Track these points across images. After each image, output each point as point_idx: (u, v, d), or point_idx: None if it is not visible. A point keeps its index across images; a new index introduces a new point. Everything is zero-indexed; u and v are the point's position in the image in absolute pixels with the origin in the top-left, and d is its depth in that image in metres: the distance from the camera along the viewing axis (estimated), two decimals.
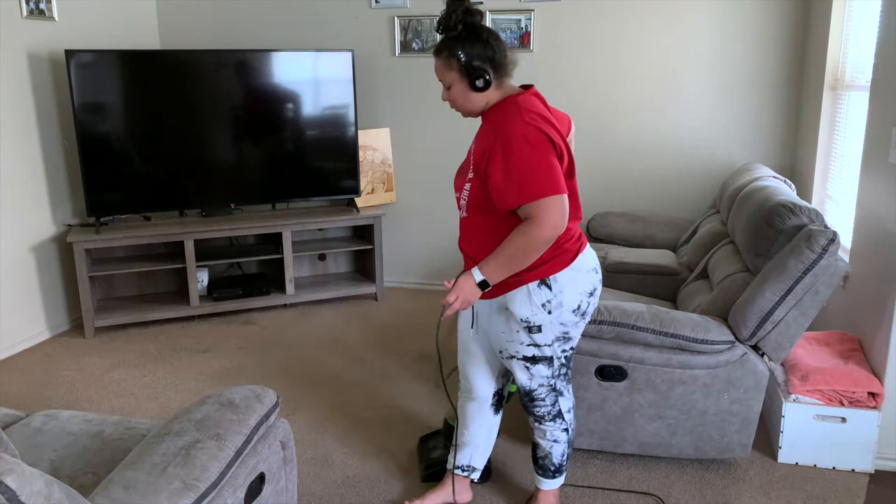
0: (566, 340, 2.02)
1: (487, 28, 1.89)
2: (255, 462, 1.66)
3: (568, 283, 1.92)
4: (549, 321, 1.94)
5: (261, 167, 4.21)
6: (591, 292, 1.98)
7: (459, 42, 1.85)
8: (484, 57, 1.85)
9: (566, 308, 1.93)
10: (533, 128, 1.79)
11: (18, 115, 3.69)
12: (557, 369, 2.06)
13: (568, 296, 1.93)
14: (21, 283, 3.73)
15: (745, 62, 4.00)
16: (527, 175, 1.77)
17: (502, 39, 1.91)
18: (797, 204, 2.48)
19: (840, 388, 2.48)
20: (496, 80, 1.89)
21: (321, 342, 3.80)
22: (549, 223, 1.77)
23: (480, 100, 1.91)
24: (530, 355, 2.01)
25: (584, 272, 1.96)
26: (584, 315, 2.00)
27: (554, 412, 2.12)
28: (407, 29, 4.34)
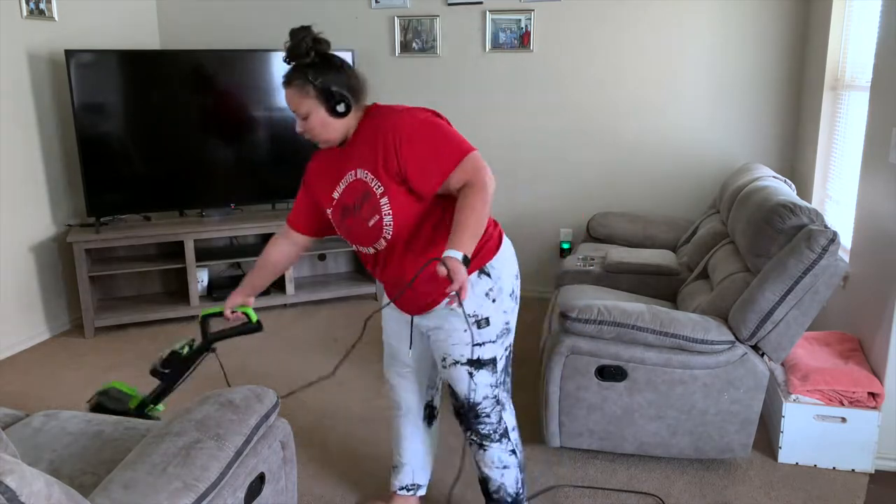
0: (507, 334, 1.94)
1: (338, 56, 1.84)
2: (255, 462, 1.66)
3: (502, 267, 1.89)
4: (495, 311, 1.88)
5: (261, 167, 4.21)
6: (516, 275, 1.96)
7: (313, 69, 1.78)
8: (341, 83, 1.80)
9: (505, 293, 1.90)
10: (417, 109, 1.82)
11: (18, 115, 3.68)
12: (500, 375, 1.96)
13: (505, 280, 1.90)
14: (21, 283, 3.73)
15: (745, 62, 4.00)
16: (439, 146, 1.76)
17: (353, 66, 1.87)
18: (797, 204, 2.48)
19: (840, 388, 2.48)
20: (355, 106, 1.84)
21: (321, 342, 3.80)
22: (484, 177, 1.73)
23: (341, 126, 1.84)
24: (475, 358, 1.90)
25: (509, 255, 1.94)
26: (517, 299, 1.96)
27: (500, 430, 2.00)
28: (407, 29, 4.34)
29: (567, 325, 2.46)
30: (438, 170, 1.75)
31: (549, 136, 4.32)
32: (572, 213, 4.40)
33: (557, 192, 4.38)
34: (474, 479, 2.49)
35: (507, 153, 4.39)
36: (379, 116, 1.84)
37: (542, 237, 4.47)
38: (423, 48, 4.35)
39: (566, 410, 2.51)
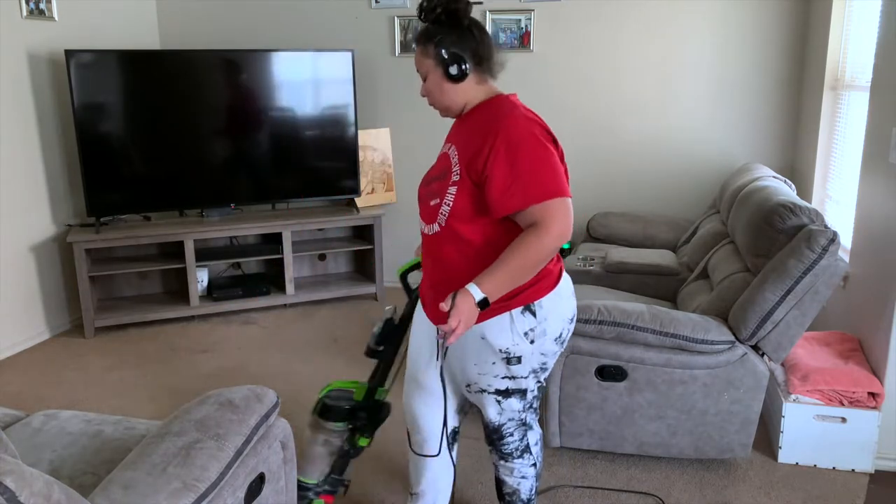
0: (543, 371, 1.84)
1: (473, 18, 1.73)
2: (255, 462, 1.66)
3: (553, 309, 1.74)
4: (531, 351, 1.75)
5: (261, 167, 4.21)
6: (571, 318, 1.83)
7: (438, 27, 1.70)
8: (462, 45, 1.69)
9: (549, 336, 1.76)
10: (538, 125, 1.66)
11: (18, 115, 3.68)
12: (530, 402, 1.88)
13: (552, 323, 1.75)
14: (21, 283, 3.73)
15: (745, 62, 4.00)
16: (536, 174, 1.60)
17: (489, 35, 1.76)
18: (797, 204, 2.48)
19: (840, 388, 2.48)
20: (476, 75, 1.73)
21: (321, 342, 3.80)
22: (557, 229, 1.59)
23: (458, 94, 1.74)
24: (504, 388, 1.81)
25: (566, 296, 1.80)
26: (564, 343, 1.83)
27: (522, 447, 1.95)
28: (407, 29, 4.34)
29: None
30: (521, 197, 1.61)
31: None
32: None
33: None
34: (476, 482, 2.49)
35: None
36: (498, 107, 1.70)
37: None
38: None
39: (566, 410, 2.51)
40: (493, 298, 1.61)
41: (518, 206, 1.61)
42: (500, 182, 1.62)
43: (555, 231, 1.59)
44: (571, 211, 1.63)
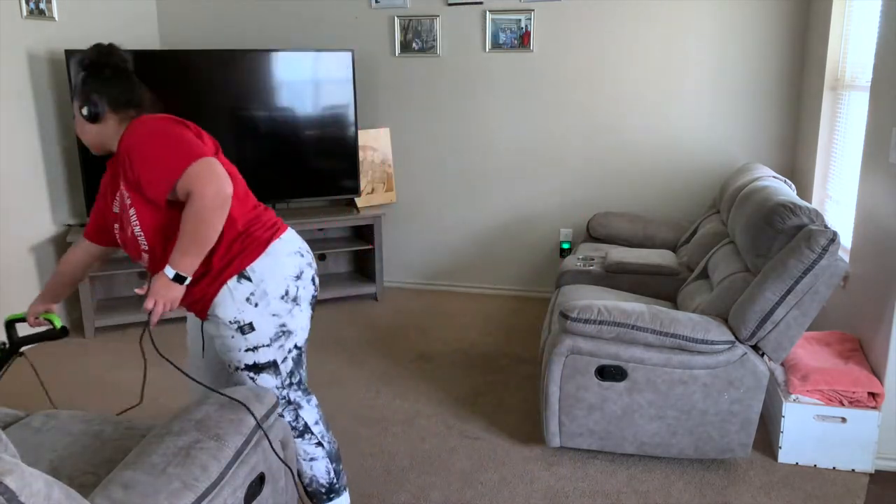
0: (286, 336, 1.91)
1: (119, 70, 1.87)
2: (254, 462, 1.66)
3: (267, 270, 1.85)
4: (259, 315, 1.85)
5: (261, 167, 4.21)
6: (297, 275, 1.90)
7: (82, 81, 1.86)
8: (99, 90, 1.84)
9: (272, 296, 1.85)
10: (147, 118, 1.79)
11: (18, 115, 3.68)
12: (286, 377, 1.94)
13: (271, 283, 1.85)
14: (21, 283, 3.73)
15: (745, 62, 4.00)
16: (164, 154, 1.73)
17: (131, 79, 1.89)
18: (797, 204, 2.47)
19: (840, 388, 2.48)
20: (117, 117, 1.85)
21: (321, 342, 3.80)
22: (209, 189, 1.69)
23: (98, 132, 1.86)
24: (251, 363, 1.89)
25: (283, 255, 1.89)
26: (298, 301, 1.91)
27: (299, 427, 2.00)
28: (407, 29, 4.34)
29: (567, 325, 2.47)
30: (164, 177, 1.73)
31: (549, 136, 4.32)
32: (572, 213, 4.40)
33: (557, 191, 4.38)
34: (476, 482, 2.49)
35: (507, 153, 4.39)
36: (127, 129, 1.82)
37: (542, 237, 4.47)
38: (423, 48, 4.35)
39: (566, 410, 2.51)
40: (188, 271, 1.75)
41: (166, 187, 1.74)
42: (146, 174, 1.75)
43: (202, 190, 1.69)
44: (215, 167, 1.71)
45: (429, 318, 4.12)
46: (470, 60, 4.32)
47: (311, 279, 1.97)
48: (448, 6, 4.25)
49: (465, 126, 4.41)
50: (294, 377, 1.97)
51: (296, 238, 1.97)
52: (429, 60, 4.37)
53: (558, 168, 4.35)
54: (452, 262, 4.65)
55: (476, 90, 4.36)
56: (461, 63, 4.33)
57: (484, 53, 4.28)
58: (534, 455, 2.64)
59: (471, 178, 4.48)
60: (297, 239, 1.97)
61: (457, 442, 2.74)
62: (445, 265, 4.67)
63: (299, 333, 1.95)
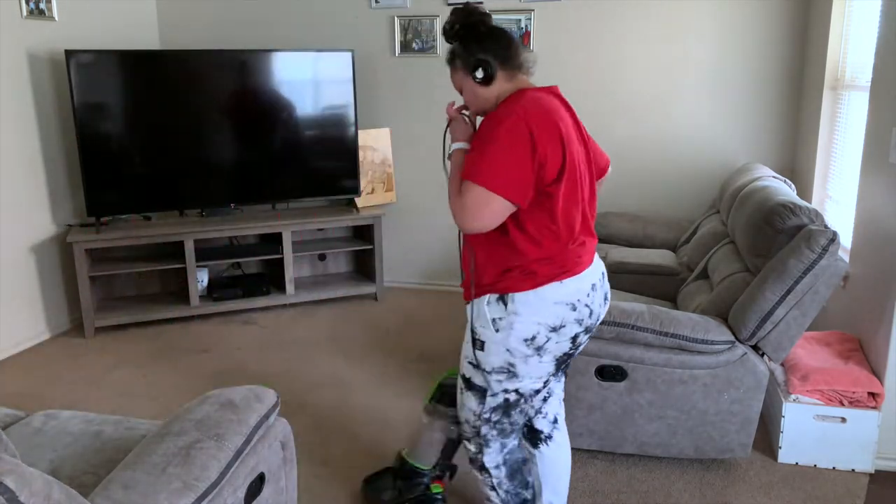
0: (510, 377, 1.79)
1: (490, 26, 1.82)
2: (254, 462, 1.66)
3: (525, 307, 1.73)
4: (494, 341, 1.76)
5: (261, 167, 4.21)
6: (554, 327, 1.76)
7: (459, 42, 1.82)
8: (484, 49, 1.78)
9: (516, 333, 1.74)
10: (518, 118, 1.68)
11: (18, 115, 3.68)
12: (488, 411, 1.84)
13: (522, 320, 1.74)
14: (21, 283, 3.73)
15: (745, 62, 4.00)
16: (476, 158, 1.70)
17: (510, 36, 1.83)
18: (797, 204, 2.48)
19: (840, 388, 2.48)
20: (503, 73, 1.79)
21: (321, 342, 3.80)
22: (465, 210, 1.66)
23: (490, 95, 1.81)
24: (468, 376, 1.85)
25: (550, 302, 1.74)
26: (541, 352, 1.77)
27: (479, 462, 1.91)
28: (407, 29, 4.33)
29: None
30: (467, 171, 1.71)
31: None
32: None
33: None
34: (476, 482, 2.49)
35: None
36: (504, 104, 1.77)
37: None
38: (423, 48, 4.35)
39: (566, 410, 2.51)
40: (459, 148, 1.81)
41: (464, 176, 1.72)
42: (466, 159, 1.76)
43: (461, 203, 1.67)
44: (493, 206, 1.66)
45: (429, 318, 4.12)
46: None
47: (573, 337, 1.80)
48: (448, 6, 4.25)
49: None
50: (495, 415, 1.85)
51: (581, 290, 1.78)
52: (429, 60, 4.36)
53: None
54: (452, 262, 4.64)
55: None
56: None
57: None
58: None
59: None
60: (583, 291, 1.79)
61: None
62: (445, 265, 4.66)
63: (526, 382, 1.81)
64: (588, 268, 1.82)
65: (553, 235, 1.73)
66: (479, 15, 1.82)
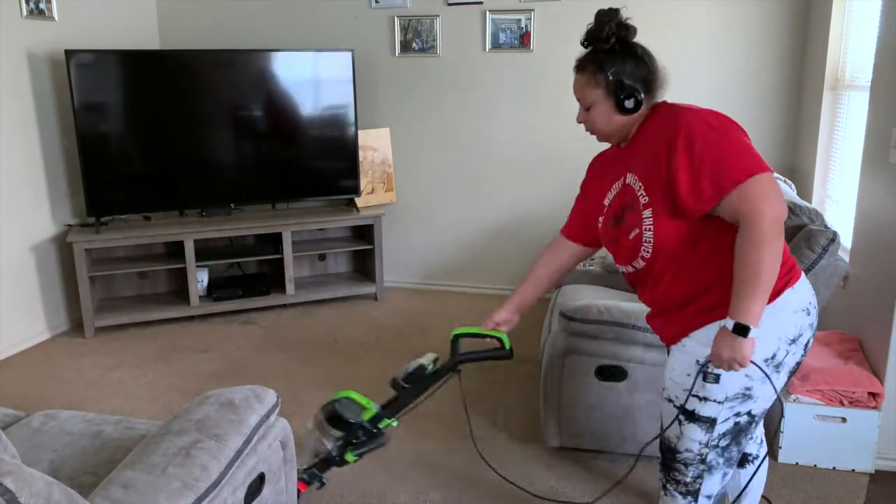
0: (744, 400, 1.60)
1: (641, 45, 1.66)
2: (254, 462, 1.66)
3: (764, 323, 1.49)
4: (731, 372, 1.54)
5: (261, 167, 4.21)
6: (793, 339, 1.57)
7: (611, 57, 1.62)
8: (637, 76, 1.62)
9: (757, 355, 1.52)
10: (708, 111, 1.55)
11: (18, 115, 3.68)
12: (716, 438, 1.63)
13: (762, 340, 1.52)
14: (21, 283, 3.73)
15: (745, 62, 4.00)
16: (722, 160, 1.47)
17: (654, 58, 1.68)
18: (797, 204, 2.47)
19: (840, 388, 2.48)
20: (647, 102, 1.65)
21: (321, 342, 3.80)
22: (769, 208, 1.42)
23: (625, 123, 1.66)
24: (690, 409, 1.62)
25: (788, 311, 1.56)
26: (780, 368, 1.58)
27: (692, 489, 1.69)
28: (407, 29, 4.33)
29: (567, 325, 2.46)
30: (713, 188, 1.48)
31: (549, 136, 4.31)
32: None
33: (557, 191, 4.38)
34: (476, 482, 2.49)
35: (507, 153, 4.39)
36: (663, 115, 1.62)
37: (542, 237, 4.47)
38: (423, 48, 4.35)
39: (566, 410, 2.51)
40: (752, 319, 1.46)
41: (712, 199, 1.49)
42: (688, 178, 1.51)
43: (766, 210, 1.42)
44: (777, 185, 1.47)
45: (429, 318, 4.12)
46: (470, 60, 4.31)
47: (806, 344, 1.61)
48: (448, 6, 4.25)
49: (465, 126, 4.41)
50: (724, 441, 1.64)
51: (808, 288, 1.62)
52: (429, 60, 4.36)
53: (558, 167, 4.35)
54: (452, 262, 4.64)
55: (476, 90, 4.36)
56: (461, 63, 4.32)
57: (484, 53, 4.28)
58: (534, 455, 2.64)
59: (471, 178, 4.48)
60: (808, 292, 1.62)
61: (457, 442, 2.74)
62: (445, 265, 4.66)
63: (760, 402, 1.62)
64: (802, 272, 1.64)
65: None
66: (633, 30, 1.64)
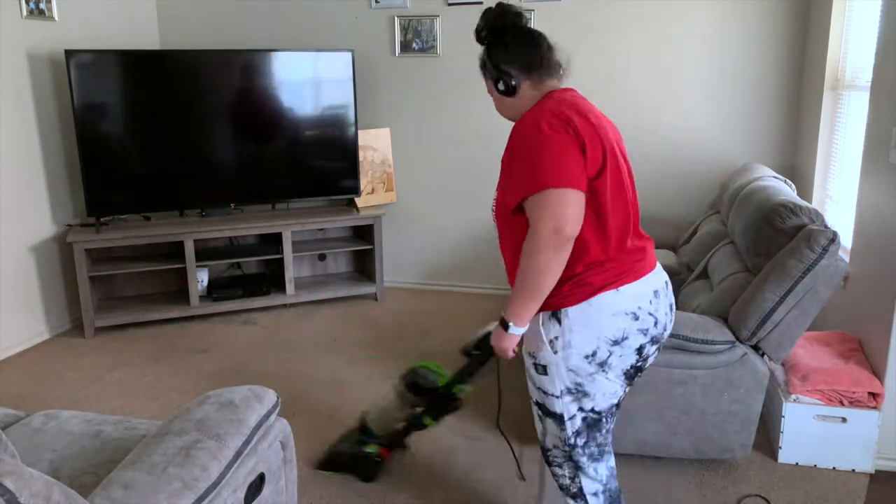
0: (582, 397, 1.70)
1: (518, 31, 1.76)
2: (254, 462, 1.66)
3: (579, 321, 1.62)
4: (556, 363, 1.66)
5: (261, 167, 4.21)
6: (615, 340, 1.65)
7: (489, 48, 1.77)
8: (509, 61, 1.72)
9: (575, 350, 1.64)
10: (550, 114, 1.60)
11: (18, 115, 3.68)
12: (571, 436, 1.74)
13: (578, 336, 1.63)
14: (21, 283, 3.73)
15: (745, 62, 4.00)
16: (531, 166, 1.56)
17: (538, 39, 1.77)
18: (797, 204, 2.47)
19: (840, 388, 2.48)
20: (530, 82, 1.74)
21: (321, 342, 3.80)
22: (550, 221, 1.51)
23: (516, 104, 1.76)
24: (540, 402, 1.75)
25: (607, 314, 1.63)
26: (605, 368, 1.67)
27: (573, 489, 1.80)
28: (407, 29, 4.33)
29: None
30: (517, 189, 1.61)
31: None
32: None
33: None
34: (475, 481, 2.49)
35: None
36: (531, 110, 1.70)
37: None
38: (423, 48, 4.35)
39: None
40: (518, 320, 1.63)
41: (514, 200, 1.62)
42: (506, 177, 1.67)
43: (544, 226, 1.52)
44: (573, 202, 1.53)
45: (429, 318, 4.12)
46: (470, 60, 4.26)
47: (639, 349, 1.68)
48: (448, 6, 4.25)
49: (465, 126, 4.41)
50: (581, 439, 1.75)
51: (644, 294, 1.67)
52: (429, 60, 4.36)
53: None
54: (452, 262, 4.64)
55: (476, 90, 4.32)
56: (461, 63, 4.32)
57: None
58: (534, 455, 2.64)
59: (471, 177, 4.48)
60: (645, 298, 1.67)
61: (457, 442, 2.74)
62: (445, 265, 4.66)
63: (599, 399, 1.71)
64: (650, 272, 1.71)
65: (601, 237, 1.63)
66: (510, 17, 1.75)
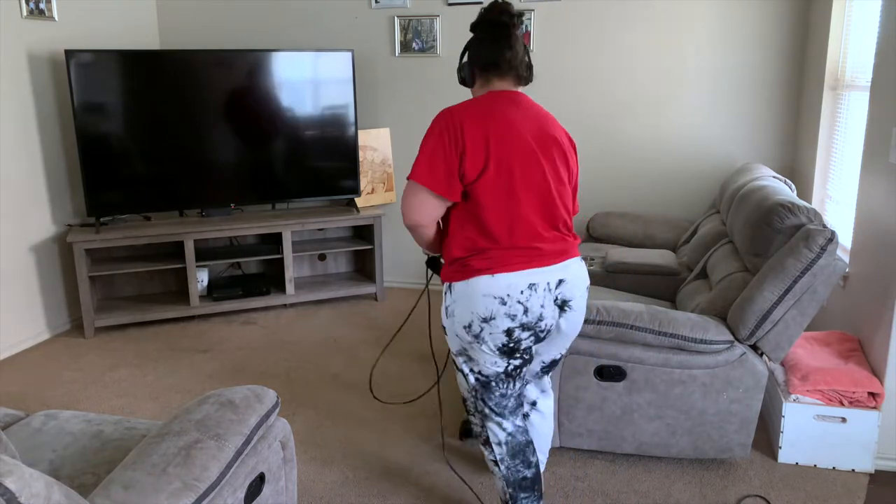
0: (469, 360, 1.96)
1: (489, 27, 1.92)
2: (254, 462, 1.66)
3: (460, 296, 1.88)
4: (449, 327, 1.94)
5: (261, 167, 4.21)
6: (485, 318, 1.85)
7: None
8: (469, 53, 1.97)
9: (457, 320, 1.90)
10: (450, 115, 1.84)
11: (18, 115, 3.69)
12: (472, 390, 2.00)
13: (459, 308, 1.89)
14: (21, 283, 3.74)
15: (745, 62, 4.00)
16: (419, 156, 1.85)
17: (491, 39, 1.92)
18: (795, 203, 2.48)
19: (840, 388, 2.48)
20: (480, 79, 1.96)
21: (321, 342, 3.80)
22: (402, 208, 1.88)
23: (473, 95, 2.01)
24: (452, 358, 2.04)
25: (478, 294, 1.83)
26: (480, 339, 1.89)
27: (483, 436, 2.04)
28: (407, 29, 4.34)
29: None
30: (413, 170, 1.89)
31: None
32: None
33: None
34: (475, 482, 2.49)
35: None
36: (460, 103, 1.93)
37: None
38: (423, 48, 4.35)
39: (566, 410, 2.52)
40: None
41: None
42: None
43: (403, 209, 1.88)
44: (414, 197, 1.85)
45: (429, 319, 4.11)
46: None
47: (507, 331, 1.86)
48: (448, 6, 4.25)
49: None
50: (479, 394, 1.99)
51: (514, 286, 1.82)
52: (429, 60, 4.37)
53: None
54: None
55: None
56: None
57: None
58: None
59: None
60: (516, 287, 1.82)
61: (457, 442, 2.74)
62: None
63: (483, 365, 1.95)
64: (535, 268, 1.84)
65: (481, 231, 1.84)
66: (493, 13, 1.91)
